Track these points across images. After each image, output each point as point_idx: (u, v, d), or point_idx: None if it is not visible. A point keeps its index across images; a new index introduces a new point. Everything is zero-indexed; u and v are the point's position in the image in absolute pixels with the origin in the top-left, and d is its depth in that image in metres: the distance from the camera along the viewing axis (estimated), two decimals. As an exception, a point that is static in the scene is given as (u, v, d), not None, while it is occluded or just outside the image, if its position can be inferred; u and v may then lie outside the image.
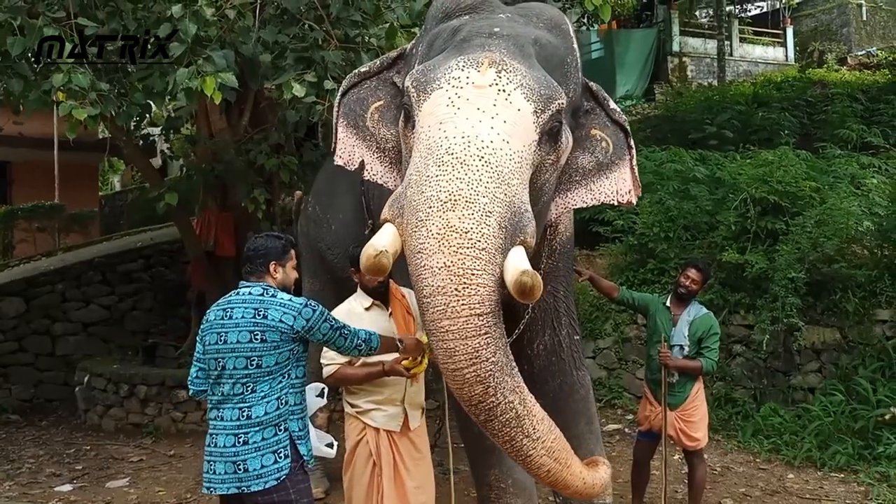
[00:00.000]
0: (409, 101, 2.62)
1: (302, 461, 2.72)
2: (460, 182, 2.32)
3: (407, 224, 2.39)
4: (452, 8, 2.92)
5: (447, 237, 2.27)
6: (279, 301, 2.70)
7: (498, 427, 2.37)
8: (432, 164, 2.37)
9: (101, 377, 6.71)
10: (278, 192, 7.37)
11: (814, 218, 5.86)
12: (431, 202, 2.31)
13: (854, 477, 4.80)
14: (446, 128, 2.42)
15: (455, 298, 2.25)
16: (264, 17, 4.85)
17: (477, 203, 2.31)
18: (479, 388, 2.30)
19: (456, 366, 2.29)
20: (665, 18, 16.86)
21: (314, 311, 2.72)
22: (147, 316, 8.24)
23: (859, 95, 10.08)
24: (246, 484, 2.62)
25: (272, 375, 2.68)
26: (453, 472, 3.64)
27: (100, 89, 4.43)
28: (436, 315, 2.27)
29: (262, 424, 2.65)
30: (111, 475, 5.40)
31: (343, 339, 2.81)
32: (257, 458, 2.62)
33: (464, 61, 2.52)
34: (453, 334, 2.26)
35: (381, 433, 3.15)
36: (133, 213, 13.57)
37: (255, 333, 2.66)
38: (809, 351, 5.74)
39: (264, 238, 2.86)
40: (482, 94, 2.45)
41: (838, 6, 18.81)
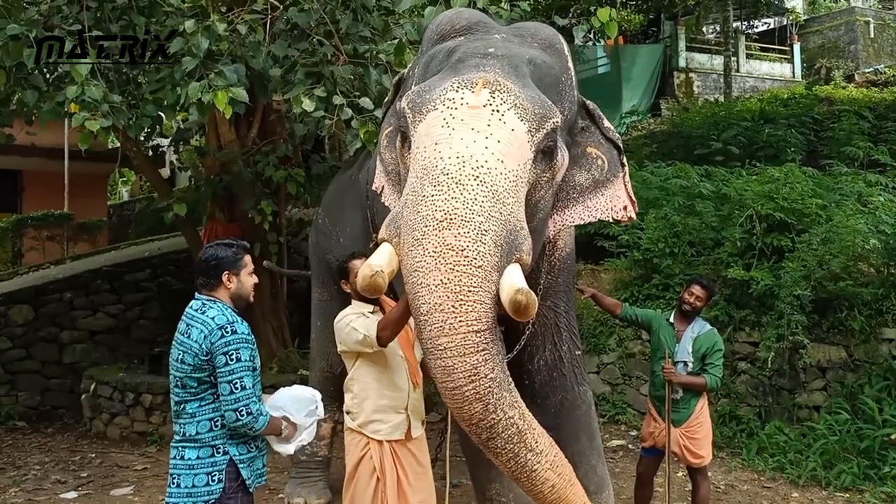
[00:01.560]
0: (406, 122, 2.66)
1: (242, 484, 2.63)
2: (456, 201, 2.34)
3: (404, 243, 2.40)
4: (448, 30, 2.97)
5: (443, 255, 2.29)
6: (202, 319, 2.58)
7: (500, 444, 2.36)
8: (428, 184, 2.39)
9: (108, 385, 6.75)
10: (285, 203, 7.43)
11: (820, 235, 5.87)
12: (427, 221, 2.33)
13: (859, 497, 4.78)
14: (441, 148, 2.45)
15: (452, 315, 2.26)
16: (274, 32, 4.92)
17: (473, 221, 2.33)
18: (478, 406, 2.30)
19: (455, 384, 2.29)
20: (671, 34, 16.93)
21: (222, 337, 2.54)
22: (154, 325, 8.27)
23: (866, 113, 10.09)
24: (174, 500, 2.59)
25: (198, 396, 2.60)
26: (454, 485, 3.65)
27: (112, 101, 4.49)
28: (433, 332, 2.28)
29: (197, 443, 2.59)
30: (116, 483, 5.42)
31: (228, 390, 2.53)
32: (189, 476, 2.58)
33: (458, 82, 2.56)
34: (451, 351, 2.27)
35: (385, 446, 3.16)
36: (141, 223, 13.66)
37: (180, 352, 2.60)
38: (815, 369, 5.73)
39: (215, 247, 2.74)
40: (476, 114, 2.48)
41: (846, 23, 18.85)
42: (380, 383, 3.16)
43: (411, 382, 3.19)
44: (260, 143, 6.70)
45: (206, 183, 6.92)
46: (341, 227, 4.50)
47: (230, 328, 2.57)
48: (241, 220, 6.91)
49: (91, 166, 11.41)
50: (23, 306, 7.87)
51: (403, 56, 4.47)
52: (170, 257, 8.84)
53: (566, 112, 2.82)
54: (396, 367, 3.18)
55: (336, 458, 4.66)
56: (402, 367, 3.20)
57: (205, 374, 2.58)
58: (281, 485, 4.97)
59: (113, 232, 13.64)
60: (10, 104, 5.61)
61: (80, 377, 7.28)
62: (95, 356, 7.94)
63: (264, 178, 6.54)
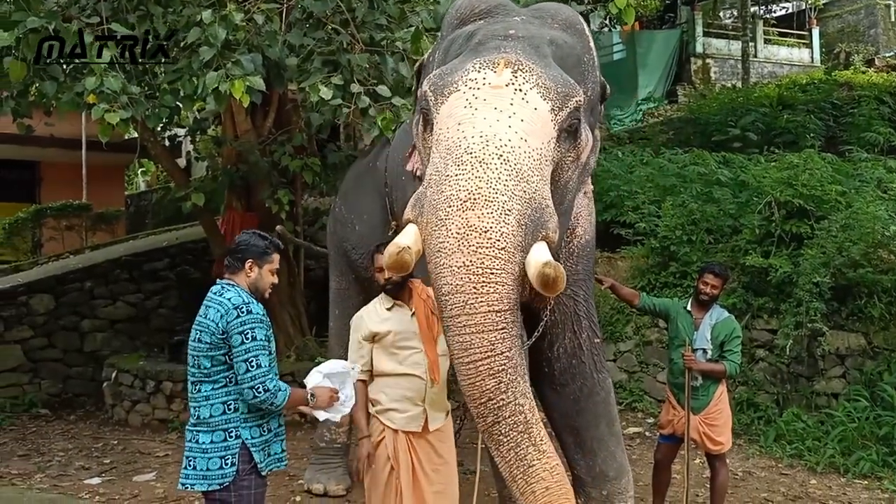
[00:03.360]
0: (427, 105, 2.67)
1: (255, 468, 2.68)
2: (479, 180, 2.36)
3: (427, 223, 2.42)
4: (468, 13, 2.98)
5: (467, 236, 2.31)
6: (220, 300, 2.65)
7: (505, 431, 2.36)
8: (451, 164, 2.41)
9: (128, 373, 6.84)
10: (301, 193, 7.46)
11: (839, 222, 5.82)
12: (451, 201, 2.35)
13: (878, 484, 4.77)
14: (464, 128, 2.46)
15: (473, 297, 2.30)
16: (290, 21, 4.93)
17: (496, 201, 2.34)
18: (491, 382, 2.33)
19: (470, 358, 2.33)
20: (688, 19, 16.74)
21: (237, 317, 2.59)
22: (173, 313, 8.34)
23: (887, 98, 9.97)
24: (191, 482, 2.66)
25: (210, 378, 2.65)
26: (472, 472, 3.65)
27: (130, 92, 4.52)
28: (454, 311, 2.32)
29: (210, 426, 2.64)
30: (138, 469, 5.50)
31: (244, 369, 2.59)
32: (203, 459, 2.63)
33: (480, 63, 2.57)
34: (470, 328, 2.31)
35: (400, 435, 3.13)
36: (158, 213, 13.77)
37: (197, 333, 2.66)
38: (833, 356, 5.70)
39: (250, 235, 2.83)
40: (499, 94, 2.49)
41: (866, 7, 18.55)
42: (397, 377, 3.15)
43: (429, 378, 3.14)
44: (276, 132, 6.72)
45: (223, 173, 6.96)
46: (357, 216, 4.52)
47: (245, 308, 2.63)
48: (258, 210, 6.95)
49: (109, 157, 11.50)
50: (44, 296, 7.96)
51: (420, 43, 4.45)
52: (187, 247, 8.89)
53: (589, 92, 2.83)
54: (412, 361, 3.15)
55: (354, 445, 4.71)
56: (420, 361, 3.15)
57: (220, 353, 2.64)
58: (300, 471, 5.02)
59: (131, 222, 13.75)
60: (29, 95, 5.66)
61: (101, 365, 7.37)
62: (116, 344, 8.03)
63: (280, 167, 6.57)
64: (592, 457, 3.55)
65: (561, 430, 3.67)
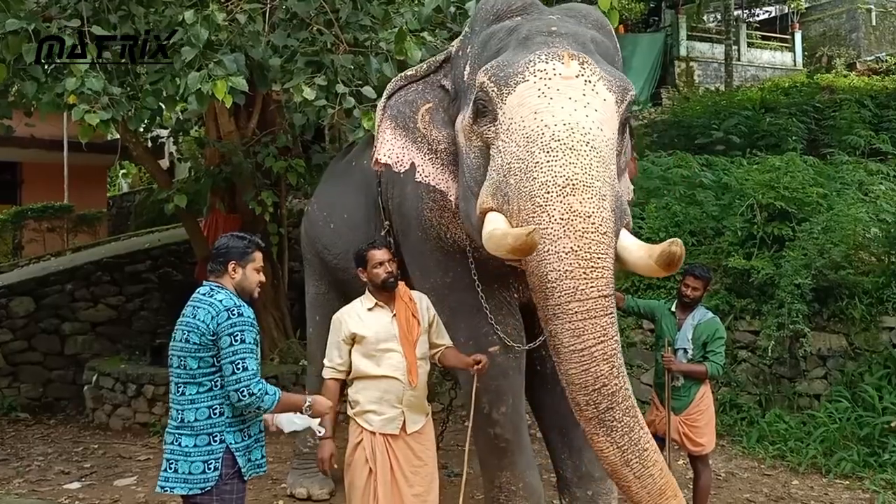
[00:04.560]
0: (487, 95, 2.69)
1: (238, 472, 2.67)
2: (574, 166, 2.41)
3: (521, 210, 2.45)
4: (504, 10, 3.02)
5: (571, 221, 2.35)
6: (210, 301, 2.64)
7: (619, 416, 2.40)
8: (538, 151, 2.45)
9: (109, 376, 6.76)
10: (286, 194, 7.43)
11: (821, 224, 5.87)
12: (549, 187, 2.39)
13: (859, 484, 4.80)
14: (543, 116, 2.50)
15: (584, 282, 2.34)
16: (274, 22, 4.90)
17: (593, 187, 2.40)
18: (605, 367, 2.37)
19: (584, 344, 2.36)
20: (672, 23, 16.86)
21: (228, 319, 2.59)
22: (154, 316, 8.28)
23: (868, 101, 10.07)
24: (171, 485, 2.63)
25: (196, 380, 2.63)
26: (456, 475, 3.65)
27: (112, 93, 4.47)
28: (564, 298, 2.36)
29: (194, 430, 2.62)
30: (119, 473, 5.44)
31: (231, 370, 2.57)
32: (186, 462, 2.61)
33: (546, 54, 2.61)
34: (582, 314, 2.35)
35: (378, 437, 3.13)
36: (141, 214, 13.66)
37: (184, 333, 2.65)
38: (815, 357, 5.74)
39: (228, 238, 2.83)
40: (570, 84, 2.55)
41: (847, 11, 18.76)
42: (375, 378, 3.14)
43: (407, 380, 3.14)
44: (260, 133, 6.69)
45: (206, 174, 6.91)
46: (332, 214, 4.44)
47: (237, 310, 2.62)
48: (241, 211, 6.91)
49: (91, 158, 11.37)
50: (24, 298, 7.88)
51: (404, 44, 4.43)
52: (170, 248, 8.84)
53: None
54: (391, 363, 3.14)
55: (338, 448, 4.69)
56: (398, 363, 3.14)
57: (208, 355, 2.62)
58: (283, 475, 4.98)
59: (113, 223, 13.65)
60: (9, 95, 5.59)
61: (81, 368, 7.29)
62: (97, 347, 7.96)
63: (264, 168, 6.53)
64: (579, 457, 3.56)
65: (549, 430, 3.68)
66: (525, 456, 3.43)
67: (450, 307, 3.40)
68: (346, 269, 4.10)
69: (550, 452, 3.74)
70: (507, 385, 3.37)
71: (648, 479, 2.45)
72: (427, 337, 3.28)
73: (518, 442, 3.40)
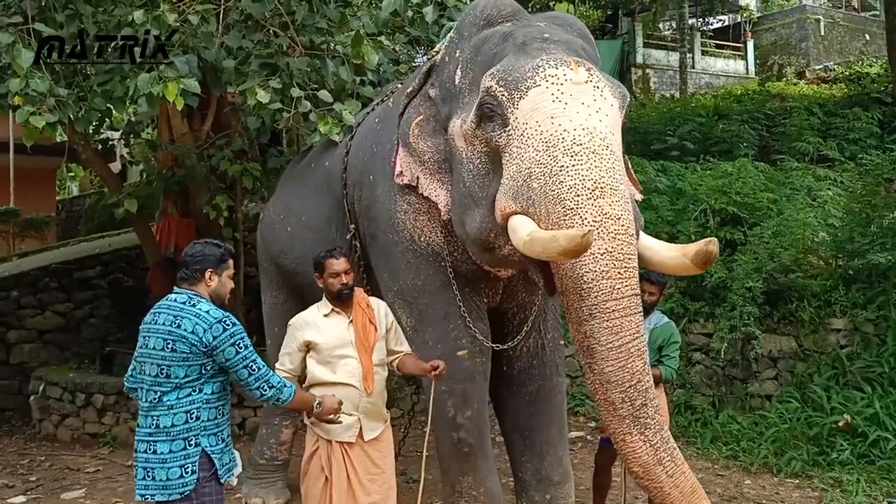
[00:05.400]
0: (495, 100, 2.72)
1: (214, 474, 2.69)
2: (599, 170, 2.47)
3: (550, 213, 2.50)
4: (494, 15, 3.09)
5: (604, 224, 2.42)
6: (196, 311, 2.66)
7: (651, 413, 2.49)
8: (561, 155, 2.50)
9: (57, 386, 6.57)
10: (241, 198, 7.30)
11: (771, 229, 6.00)
12: (578, 190, 2.45)
13: (808, 483, 4.91)
14: (561, 121, 2.56)
15: (619, 281, 2.44)
16: (228, 23, 4.81)
17: (619, 190, 2.49)
18: (639, 363, 2.47)
19: (621, 341, 2.45)
20: (629, 30, 17.14)
21: (224, 330, 2.64)
22: (104, 323, 8.06)
23: (816, 109, 10.36)
24: (151, 492, 2.64)
25: (181, 388, 2.65)
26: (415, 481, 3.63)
27: (58, 95, 4.34)
28: (601, 297, 2.43)
29: (171, 435, 2.63)
30: (66, 486, 5.28)
31: (247, 374, 2.70)
32: (163, 469, 2.62)
33: (554, 60, 2.67)
34: (619, 312, 2.44)
35: (334, 445, 3.10)
36: (91, 219, 13.31)
37: (168, 342, 2.64)
38: (766, 359, 5.86)
39: (203, 245, 2.84)
40: (581, 90, 2.61)
41: (797, 21, 19.32)
42: (329, 384, 3.10)
43: (363, 387, 3.11)
44: (214, 136, 6.56)
45: (159, 177, 6.75)
46: (290, 217, 4.38)
47: (229, 321, 2.67)
48: (195, 216, 6.76)
49: (37, 160, 11.01)
50: (-33, 305, 7.60)
51: (360, 48, 4.40)
52: (121, 254, 8.61)
53: None
54: (347, 370, 3.11)
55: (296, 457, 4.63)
56: (354, 370, 3.12)
57: (197, 363, 2.64)
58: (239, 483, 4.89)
59: (62, 228, 13.29)
60: (-50, 96, 5.38)
61: (28, 378, 7.06)
62: (44, 356, 7.68)
63: (219, 172, 6.40)
64: (540, 460, 3.58)
65: (511, 431, 3.68)
66: (487, 461, 3.43)
67: (419, 310, 3.40)
68: (304, 273, 4.03)
69: (510, 454, 3.75)
70: (474, 389, 3.37)
71: (681, 477, 2.52)
72: (384, 343, 3.25)
73: (481, 447, 3.40)
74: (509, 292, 3.53)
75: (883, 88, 11.31)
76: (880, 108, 10.22)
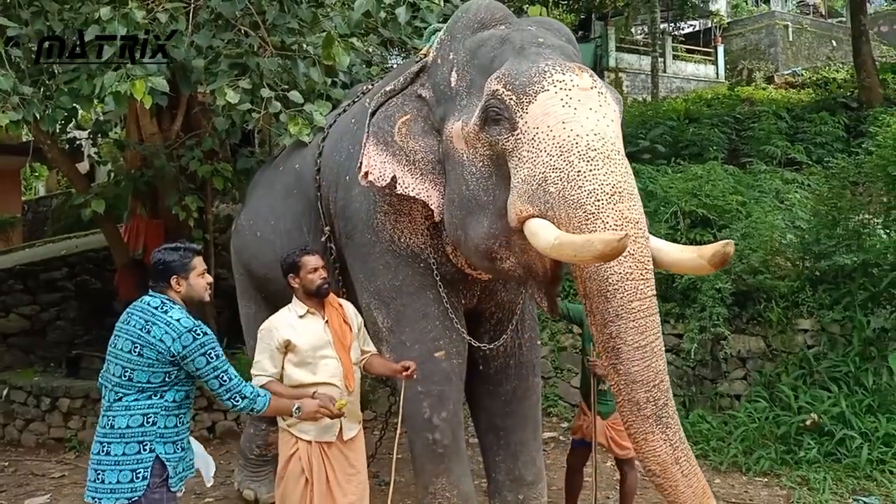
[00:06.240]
0: (502, 104, 2.74)
1: (165, 481, 2.63)
2: (616, 175, 2.53)
3: (571, 217, 2.54)
4: (488, 18, 3.12)
5: (625, 227, 2.47)
6: (166, 319, 2.63)
7: (671, 413, 2.54)
8: (577, 160, 2.55)
9: (22, 390, 6.43)
10: (212, 199, 7.21)
11: (740, 231, 6.08)
12: (598, 195, 2.50)
13: (777, 481, 4.97)
14: (572, 126, 2.60)
15: (642, 282, 2.50)
16: (198, 22, 4.75)
17: (635, 195, 2.56)
18: (661, 363, 2.54)
19: (646, 340, 2.51)
20: (602, 34, 17.28)
21: (194, 340, 2.61)
22: (71, 326, 7.91)
23: (784, 113, 10.54)
24: (99, 496, 2.59)
25: (142, 391, 2.62)
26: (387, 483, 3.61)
27: (22, 93, 4.25)
28: (626, 298, 2.49)
29: (125, 437, 2.59)
30: (31, 492, 5.18)
31: (218, 384, 2.67)
32: (114, 471, 2.58)
33: (559, 65, 2.71)
34: (643, 312, 2.51)
35: (314, 446, 3.10)
36: (57, 220, 13.07)
37: (136, 345, 2.61)
38: (735, 359, 5.93)
39: (163, 252, 2.79)
40: (588, 95, 2.67)
41: (766, 26, 19.64)
42: (310, 384, 3.09)
43: (344, 385, 3.12)
44: (184, 136, 6.47)
45: (127, 178, 6.66)
46: (256, 222, 4.33)
47: (199, 330, 2.63)
48: (164, 217, 6.67)
49: (2, 160, 10.82)
50: (-72, 308, 7.42)
51: (331, 49, 4.36)
52: (88, 255, 8.47)
53: None
54: (328, 370, 3.11)
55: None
56: (335, 370, 3.12)
57: (162, 370, 2.61)
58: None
59: (28, 229, 13.04)
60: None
61: (-9, 382, 6.90)
62: (8, 360, 7.52)
63: (189, 172, 6.32)
64: (513, 460, 3.59)
65: (486, 431, 3.69)
66: (461, 463, 3.43)
67: (396, 311, 3.39)
68: (277, 279, 3.98)
69: (484, 454, 3.75)
70: (450, 391, 3.37)
71: (694, 477, 2.55)
72: (357, 343, 3.24)
73: (455, 448, 3.39)
74: (487, 293, 3.53)
75: (849, 93, 11.55)
76: (846, 112, 10.43)
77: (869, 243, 5.68)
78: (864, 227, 5.80)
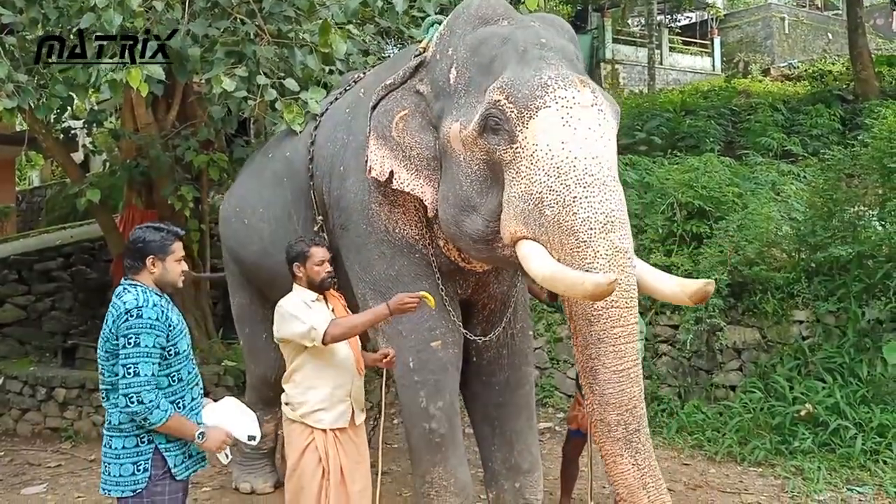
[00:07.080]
0: (503, 115, 2.73)
1: (169, 473, 2.59)
2: (610, 203, 2.57)
3: (564, 244, 2.58)
4: (489, 14, 3.10)
5: (614, 257, 2.53)
6: (116, 303, 2.53)
7: (643, 439, 2.63)
8: (574, 185, 2.57)
9: (17, 380, 6.41)
10: (207, 189, 7.20)
11: (736, 222, 6.08)
12: (591, 223, 2.54)
13: (771, 471, 4.99)
14: (571, 147, 2.61)
15: (626, 311, 2.56)
16: (194, 10, 4.72)
17: (626, 224, 2.60)
18: (636, 389, 2.61)
19: (624, 365, 2.57)
20: (598, 26, 17.25)
21: (126, 321, 2.45)
22: (66, 316, 7.89)
23: (780, 105, 10.54)
24: (106, 488, 2.59)
25: (116, 386, 2.54)
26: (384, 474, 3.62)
27: (17, 81, 4.23)
28: (609, 324, 2.56)
29: (122, 432, 2.56)
30: (27, 481, 5.16)
31: (122, 372, 2.45)
32: (116, 465, 2.56)
33: (561, 80, 2.70)
34: (624, 339, 2.57)
35: (329, 434, 3.12)
36: (52, 210, 13.03)
37: (102, 340, 2.57)
38: (731, 350, 5.95)
39: (144, 230, 2.66)
40: (588, 113, 2.67)
41: (763, 19, 19.64)
42: (326, 373, 3.12)
43: (356, 369, 3.18)
44: (180, 125, 6.45)
45: (122, 167, 6.63)
46: (243, 209, 4.28)
47: (136, 312, 2.48)
48: (159, 207, 6.65)
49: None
50: (-77, 298, 7.39)
51: (328, 37, 4.35)
52: (83, 245, 8.43)
53: None
54: (342, 355, 3.15)
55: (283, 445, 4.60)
56: (347, 354, 3.16)
57: (118, 361, 2.52)
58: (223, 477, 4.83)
59: (23, 219, 13.01)
60: None
61: (-14, 372, 6.88)
62: (4, 350, 7.49)
63: (185, 162, 6.30)
64: (509, 449, 3.60)
65: (481, 421, 3.70)
66: (458, 452, 3.44)
67: None
68: (266, 267, 3.97)
69: (480, 444, 3.76)
70: (446, 380, 3.38)
71: (659, 479, 2.69)
72: None
73: (452, 437, 3.40)
74: (481, 284, 3.54)
75: (844, 86, 11.56)
76: (842, 105, 10.44)
77: (864, 235, 5.69)
78: (860, 219, 5.81)
